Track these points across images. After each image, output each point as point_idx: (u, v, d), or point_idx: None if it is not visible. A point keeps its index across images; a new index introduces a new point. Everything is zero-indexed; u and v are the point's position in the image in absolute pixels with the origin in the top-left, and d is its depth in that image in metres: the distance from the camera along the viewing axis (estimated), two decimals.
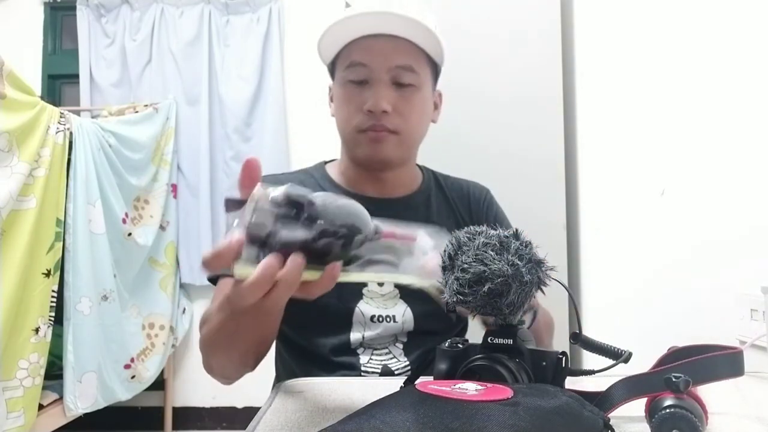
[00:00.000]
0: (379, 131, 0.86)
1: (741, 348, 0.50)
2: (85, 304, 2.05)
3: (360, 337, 0.87)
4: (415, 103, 0.88)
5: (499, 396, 0.42)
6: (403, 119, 0.87)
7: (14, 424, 1.70)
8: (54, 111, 1.92)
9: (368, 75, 0.86)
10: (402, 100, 0.86)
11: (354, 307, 0.87)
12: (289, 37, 2.79)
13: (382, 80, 0.85)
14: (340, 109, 0.90)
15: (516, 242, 0.52)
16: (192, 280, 2.73)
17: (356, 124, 0.87)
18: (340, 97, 0.90)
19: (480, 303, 0.51)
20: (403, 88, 0.87)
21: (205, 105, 2.71)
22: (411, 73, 0.86)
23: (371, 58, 0.85)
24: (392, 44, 0.85)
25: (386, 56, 0.85)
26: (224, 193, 2.71)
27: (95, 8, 2.80)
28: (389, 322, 0.87)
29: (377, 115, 0.85)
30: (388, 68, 0.85)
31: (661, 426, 0.45)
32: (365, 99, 0.85)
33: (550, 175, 1.90)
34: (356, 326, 0.87)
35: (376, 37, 0.85)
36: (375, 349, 0.87)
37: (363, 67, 0.85)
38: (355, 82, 0.87)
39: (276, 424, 0.57)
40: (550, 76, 1.92)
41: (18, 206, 1.72)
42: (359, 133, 0.87)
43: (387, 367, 0.86)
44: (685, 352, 0.55)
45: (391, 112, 0.85)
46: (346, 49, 0.88)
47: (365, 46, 0.85)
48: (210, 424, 2.76)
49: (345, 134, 0.91)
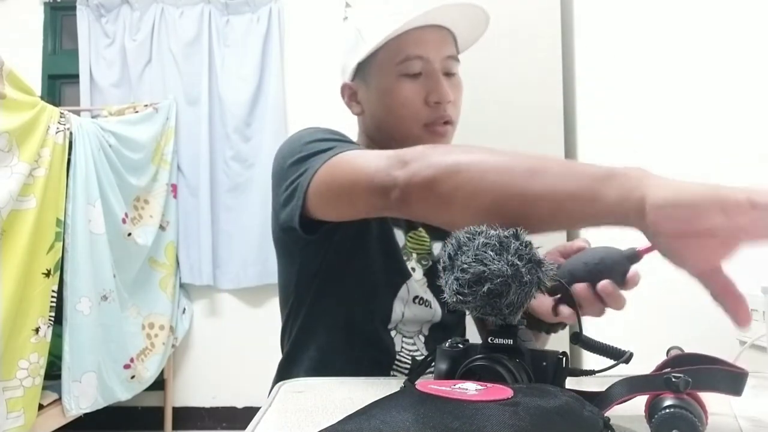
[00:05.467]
0: (444, 125, 0.87)
1: (747, 371, 0.50)
2: (84, 304, 2.05)
3: (400, 314, 0.87)
4: (461, 92, 0.90)
5: (499, 396, 0.42)
6: (455, 109, 0.88)
7: (14, 424, 1.70)
8: (54, 111, 1.92)
9: (424, 67, 0.85)
10: (453, 89, 0.87)
11: (403, 283, 0.88)
12: (289, 37, 2.79)
13: (438, 71, 0.85)
14: (399, 106, 0.86)
15: (516, 242, 0.52)
16: (192, 280, 2.73)
17: (422, 118, 0.86)
18: (393, 93, 0.86)
19: (480, 303, 0.51)
20: (452, 77, 0.88)
21: (205, 105, 2.71)
22: (456, 62, 0.89)
23: (427, 49, 0.85)
24: (440, 35, 0.86)
25: (438, 47, 0.86)
26: None
27: (95, 8, 2.80)
28: (427, 306, 0.89)
29: (443, 107, 0.85)
30: (441, 58, 0.86)
31: (660, 426, 0.45)
32: (426, 91, 0.85)
33: None
34: (398, 302, 0.87)
35: (425, 29, 0.85)
36: (405, 337, 0.88)
37: (419, 59, 0.85)
38: (410, 75, 0.85)
39: (276, 424, 0.57)
40: (550, 76, 1.91)
41: (18, 206, 1.72)
42: (424, 128, 0.86)
43: (416, 360, 0.87)
44: (688, 360, 0.55)
45: (451, 103, 0.86)
46: (392, 43, 0.85)
47: (418, 38, 0.85)
48: (210, 424, 2.76)
49: (404, 131, 0.86)
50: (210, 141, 2.72)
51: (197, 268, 2.71)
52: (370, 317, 0.86)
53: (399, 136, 0.87)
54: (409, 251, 0.91)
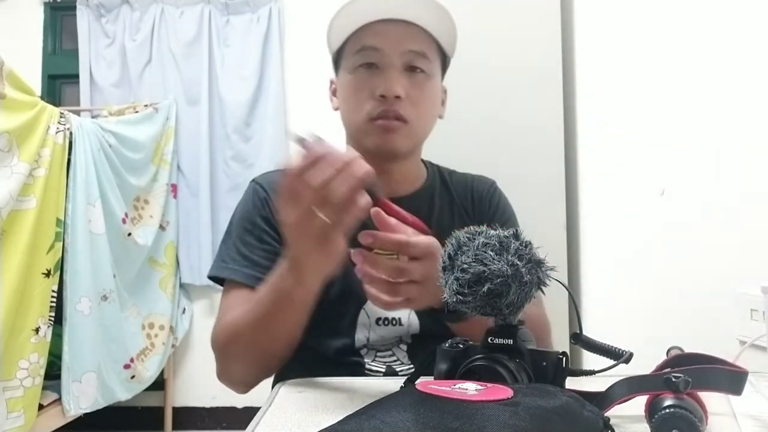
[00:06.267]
0: (390, 119, 0.83)
1: (747, 370, 0.50)
2: (84, 304, 2.05)
3: (364, 339, 0.86)
4: (427, 90, 0.86)
5: (499, 396, 0.42)
6: (414, 107, 0.84)
7: (14, 424, 1.70)
8: (54, 111, 1.92)
9: (380, 59, 0.83)
10: (414, 87, 0.83)
11: (359, 309, 0.86)
12: (289, 37, 2.79)
13: (394, 65, 0.82)
14: (349, 97, 0.86)
15: (516, 242, 0.52)
16: (192, 280, 2.73)
17: (367, 111, 0.83)
18: (348, 85, 0.86)
19: (480, 303, 0.51)
20: (416, 75, 0.84)
21: (205, 105, 2.71)
22: (424, 59, 0.84)
23: (384, 42, 0.82)
24: (405, 29, 0.83)
25: (399, 40, 0.83)
26: (226, 189, 2.71)
27: (95, 8, 2.80)
28: (395, 325, 0.86)
29: (390, 101, 0.81)
30: (401, 53, 0.83)
31: (660, 426, 0.45)
32: (376, 85, 0.82)
33: (550, 175, 1.90)
34: (361, 328, 0.86)
35: (388, 22, 0.82)
36: (379, 351, 0.87)
37: (375, 51, 0.83)
38: (365, 66, 0.83)
39: (276, 424, 0.57)
40: (550, 76, 1.91)
41: (18, 206, 1.72)
42: (369, 121, 0.84)
43: (391, 368, 0.86)
44: (688, 360, 0.55)
45: (404, 99, 0.82)
46: (355, 36, 0.84)
47: (377, 30, 0.83)
48: (210, 424, 2.76)
49: (353, 123, 0.87)
50: (210, 141, 2.72)
51: (197, 268, 2.71)
52: (334, 349, 0.85)
53: (351, 129, 0.89)
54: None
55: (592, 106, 1.82)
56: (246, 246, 0.85)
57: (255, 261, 0.84)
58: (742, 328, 0.99)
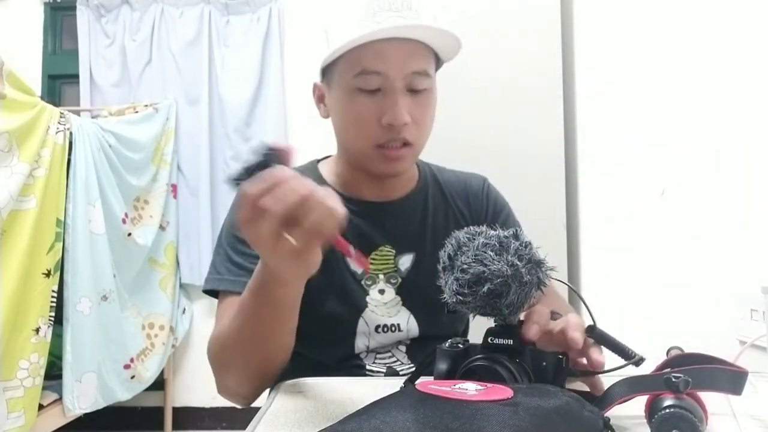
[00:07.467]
0: (397, 149, 0.80)
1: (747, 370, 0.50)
2: (84, 305, 2.05)
3: (364, 347, 0.86)
4: (429, 109, 0.83)
5: (499, 396, 0.42)
6: (418, 129, 0.81)
7: (14, 424, 1.70)
8: (54, 111, 1.92)
9: (382, 83, 0.78)
10: (417, 108, 0.80)
11: (358, 318, 0.86)
12: (289, 37, 2.79)
13: (398, 89, 0.78)
14: (350, 122, 0.82)
15: (516, 242, 0.52)
16: (192, 280, 2.73)
17: (373, 138, 0.80)
18: (347, 107, 0.82)
19: (479, 303, 0.51)
20: (418, 95, 0.80)
21: (205, 105, 2.71)
22: (426, 77, 0.80)
23: (385, 65, 0.77)
24: (406, 48, 0.78)
25: (402, 63, 0.78)
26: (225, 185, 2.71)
27: (95, 8, 2.80)
28: (394, 331, 0.86)
29: (396, 129, 0.79)
30: (404, 75, 0.78)
31: (661, 426, 0.45)
32: (381, 111, 0.78)
33: (550, 175, 1.90)
34: (360, 336, 0.86)
35: (389, 41, 0.77)
36: (378, 353, 0.87)
37: (377, 75, 0.78)
38: (366, 91, 0.79)
39: (276, 424, 0.57)
40: (550, 76, 1.91)
41: (18, 206, 1.72)
42: (375, 148, 0.81)
43: (392, 368, 0.86)
44: (688, 359, 0.55)
45: (409, 123, 0.79)
46: (353, 53, 0.78)
47: (378, 51, 0.77)
48: (210, 424, 2.76)
49: (355, 148, 0.84)
50: (210, 141, 2.72)
51: (197, 268, 2.71)
52: (334, 358, 0.85)
53: (352, 151, 0.86)
54: (374, 274, 0.87)
55: (592, 106, 1.82)
56: (238, 254, 0.83)
57: (248, 269, 0.81)
58: (742, 328, 0.99)
